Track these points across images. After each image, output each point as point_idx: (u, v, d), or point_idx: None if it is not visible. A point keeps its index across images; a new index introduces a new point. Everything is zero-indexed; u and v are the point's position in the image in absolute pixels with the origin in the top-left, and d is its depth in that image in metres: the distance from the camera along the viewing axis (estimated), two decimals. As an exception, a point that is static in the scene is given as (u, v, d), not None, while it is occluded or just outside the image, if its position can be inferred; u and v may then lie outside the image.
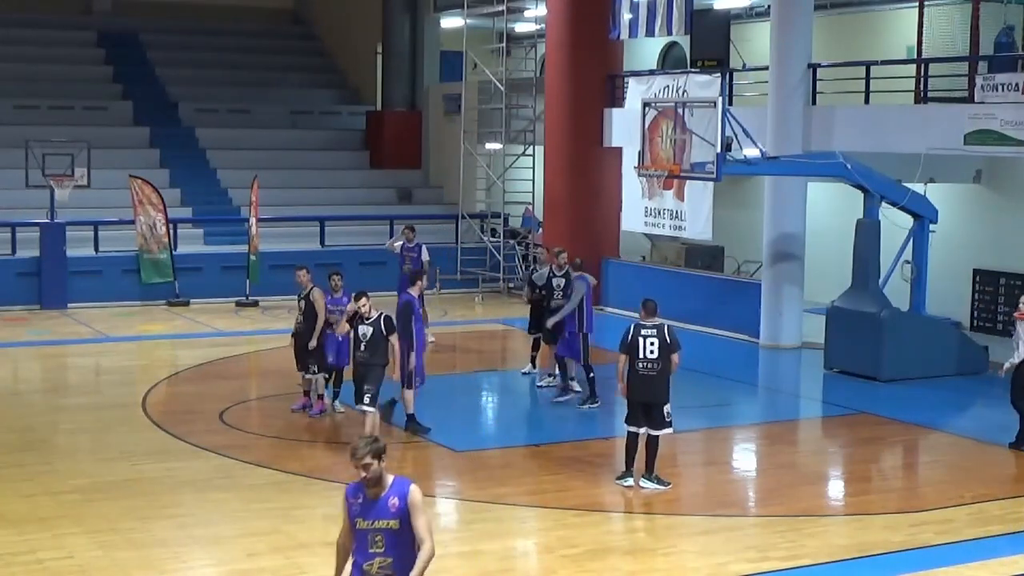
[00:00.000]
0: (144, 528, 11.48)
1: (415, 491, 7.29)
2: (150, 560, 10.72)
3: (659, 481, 12.83)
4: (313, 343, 15.57)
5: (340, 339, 15.35)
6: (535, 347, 18.30)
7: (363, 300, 14.02)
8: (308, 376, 15.87)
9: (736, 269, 25.82)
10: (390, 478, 7.33)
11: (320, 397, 15.95)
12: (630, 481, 12.88)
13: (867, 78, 20.51)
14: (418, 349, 14.79)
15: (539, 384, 17.62)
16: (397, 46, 31.97)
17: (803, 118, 20.72)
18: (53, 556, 10.65)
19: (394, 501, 7.26)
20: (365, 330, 14.00)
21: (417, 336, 14.83)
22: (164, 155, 29.29)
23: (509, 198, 28.64)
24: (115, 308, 24.44)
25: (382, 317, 14.02)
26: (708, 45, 22.42)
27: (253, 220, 24.96)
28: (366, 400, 13.92)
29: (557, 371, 17.23)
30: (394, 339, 13.96)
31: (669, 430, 12.80)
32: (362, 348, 14.01)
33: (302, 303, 15.85)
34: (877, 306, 18.72)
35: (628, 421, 12.91)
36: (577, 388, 16.92)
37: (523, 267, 27.27)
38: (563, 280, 17.19)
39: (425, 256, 20.54)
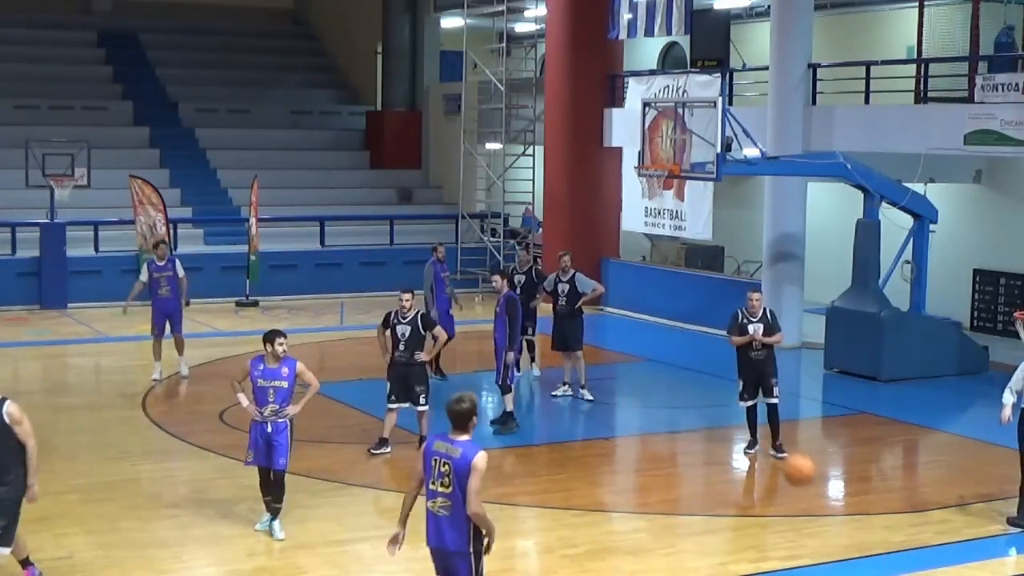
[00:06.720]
0: (144, 528, 11.47)
1: None
2: (150, 560, 10.71)
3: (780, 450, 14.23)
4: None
5: None
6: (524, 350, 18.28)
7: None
8: None
9: (736, 269, 25.81)
10: None
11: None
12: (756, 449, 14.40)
13: (867, 78, 20.51)
14: None
15: (553, 394, 17.26)
16: (397, 46, 31.98)
17: (803, 118, 20.71)
18: (53, 556, 10.62)
19: None
20: (403, 330, 13.99)
21: None
22: (164, 155, 29.30)
23: (509, 198, 28.62)
24: (115, 308, 24.32)
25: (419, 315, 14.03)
26: (708, 45, 22.42)
27: (253, 220, 24.94)
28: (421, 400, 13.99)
29: (567, 379, 17.12)
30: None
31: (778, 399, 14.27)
32: (401, 348, 13.97)
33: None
34: (877, 306, 18.71)
35: (743, 397, 14.31)
36: (589, 397, 16.74)
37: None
38: (567, 286, 16.93)
39: (180, 272, 18.13)
